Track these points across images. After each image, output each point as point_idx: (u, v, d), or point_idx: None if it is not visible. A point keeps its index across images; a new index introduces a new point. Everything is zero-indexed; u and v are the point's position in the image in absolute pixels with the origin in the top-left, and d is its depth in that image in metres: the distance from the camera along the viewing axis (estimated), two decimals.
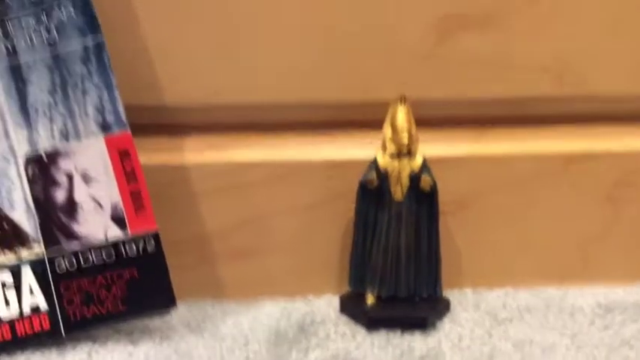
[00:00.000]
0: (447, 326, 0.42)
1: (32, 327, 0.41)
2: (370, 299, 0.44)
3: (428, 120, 0.44)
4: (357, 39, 0.44)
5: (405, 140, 0.42)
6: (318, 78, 0.45)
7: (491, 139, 0.46)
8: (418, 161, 0.43)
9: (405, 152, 0.43)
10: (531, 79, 0.45)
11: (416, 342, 0.41)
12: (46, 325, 0.41)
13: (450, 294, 0.45)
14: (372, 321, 0.42)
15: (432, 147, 0.44)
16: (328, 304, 0.45)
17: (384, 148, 0.43)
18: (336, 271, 0.46)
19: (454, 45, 0.44)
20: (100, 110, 0.42)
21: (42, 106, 0.42)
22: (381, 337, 0.42)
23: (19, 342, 0.40)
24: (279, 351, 0.40)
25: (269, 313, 0.44)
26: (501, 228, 0.46)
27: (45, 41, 0.41)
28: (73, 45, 0.41)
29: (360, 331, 0.42)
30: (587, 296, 0.45)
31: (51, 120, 0.42)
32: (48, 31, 0.41)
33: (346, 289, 0.45)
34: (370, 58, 0.45)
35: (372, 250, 0.44)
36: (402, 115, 0.42)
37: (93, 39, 0.41)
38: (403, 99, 0.43)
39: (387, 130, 0.43)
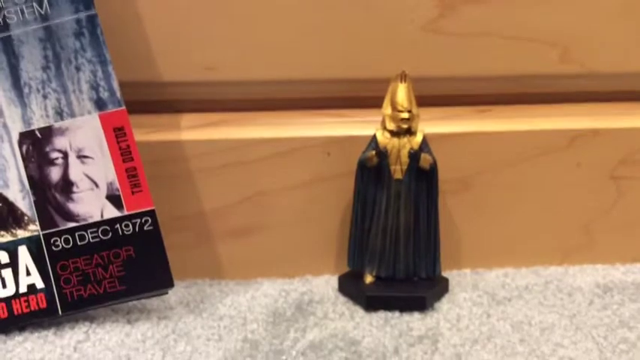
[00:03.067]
0: (445, 306, 0.42)
1: (29, 306, 0.40)
2: (369, 279, 0.43)
3: (429, 97, 0.44)
4: (357, 13, 0.43)
5: (405, 117, 0.42)
6: (317, 54, 0.44)
7: (493, 116, 0.46)
8: (418, 139, 0.42)
9: (404, 130, 0.42)
10: (537, 54, 0.44)
11: (414, 322, 0.41)
12: (43, 304, 0.41)
13: (449, 274, 0.45)
14: (370, 301, 0.42)
15: (433, 124, 0.44)
16: (326, 284, 0.45)
17: (383, 125, 0.43)
18: (335, 251, 0.46)
19: (457, 19, 0.43)
20: (95, 86, 0.41)
21: (35, 83, 0.41)
22: (379, 317, 0.41)
23: (16, 321, 0.40)
24: (277, 330, 0.40)
25: (267, 293, 0.44)
26: (502, 207, 0.46)
27: (36, 13, 0.40)
28: (66, 18, 0.40)
29: (359, 311, 0.42)
30: (586, 276, 0.45)
31: (44, 97, 0.41)
32: (40, 3, 0.40)
33: (345, 268, 0.45)
34: (370, 33, 0.44)
35: (370, 229, 0.43)
36: (402, 93, 0.42)
37: (86, 12, 0.40)
38: (404, 76, 0.42)
39: (387, 107, 0.42)
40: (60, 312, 0.40)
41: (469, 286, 0.44)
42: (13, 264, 0.41)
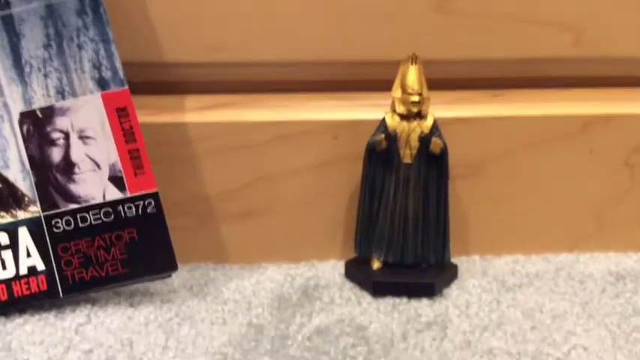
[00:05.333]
0: (454, 293, 0.42)
1: (29, 288, 0.40)
2: (376, 265, 0.43)
3: (440, 80, 0.43)
4: None
5: (416, 101, 0.41)
6: (326, 35, 0.43)
7: (506, 100, 0.45)
8: (428, 123, 0.42)
9: (415, 113, 0.41)
10: (550, 38, 0.43)
11: (422, 308, 0.40)
12: (44, 287, 0.40)
13: (458, 260, 0.44)
14: (377, 287, 0.41)
15: (444, 108, 0.43)
16: (333, 269, 0.44)
17: (393, 108, 0.42)
18: (342, 236, 0.45)
19: (469, 0, 0.42)
20: (97, 65, 0.41)
21: (36, 62, 0.41)
22: (387, 302, 0.41)
23: (16, 303, 0.40)
24: (282, 315, 0.40)
25: (272, 278, 0.43)
26: (513, 193, 0.45)
27: None
28: None
29: (366, 297, 0.41)
30: (598, 263, 0.44)
31: (46, 76, 0.41)
32: None
33: (351, 254, 0.44)
34: (381, 14, 0.43)
35: (378, 214, 0.42)
36: (412, 75, 0.41)
37: None
38: (414, 58, 0.41)
39: (397, 90, 0.41)
40: (61, 294, 0.40)
41: (478, 272, 0.43)
42: (14, 245, 0.40)
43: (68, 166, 0.40)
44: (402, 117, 0.42)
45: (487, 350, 0.37)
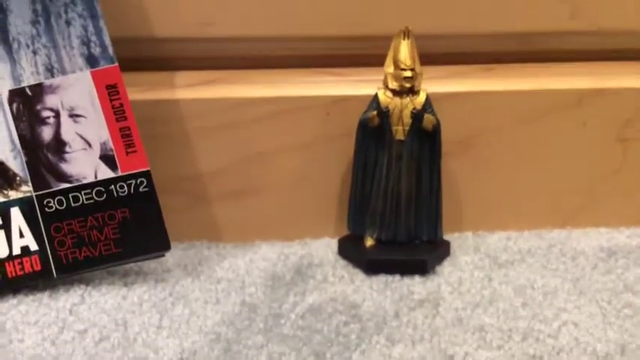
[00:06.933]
0: (446, 270, 0.42)
1: (23, 268, 0.40)
2: (369, 242, 0.43)
3: (432, 55, 0.42)
4: None
5: (408, 76, 0.40)
6: (318, 10, 0.42)
7: (498, 75, 0.44)
8: (421, 99, 0.41)
9: (407, 89, 0.41)
10: (546, 10, 0.42)
11: (415, 286, 0.40)
12: (37, 267, 0.40)
13: (451, 237, 0.44)
14: (370, 264, 0.41)
15: (436, 84, 0.42)
16: (326, 247, 0.44)
17: (385, 84, 0.41)
18: (335, 214, 0.45)
19: None
20: (86, 42, 0.40)
21: (24, 38, 0.40)
22: (379, 280, 0.41)
23: (10, 283, 0.40)
24: (276, 294, 0.40)
25: (266, 256, 0.43)
26: (506, 168, 0.45)
27: None
28: None
29: (359, 275, 0.41)
30: (590, 239, 0.44)
31: (34, 53, 0.40)
32: None
33: (345, 231, 0.44)
34: None
35: (371, 191, 0.42)
36: (405, 50, 0.40)
37: None
38: (407, 32, 0.40)
39: (389, 65, 0.41)
40: (55, 274, 0.40)
41: (471, 249, 0.44)
42: (6, 225, 0.40)
43: (59, 145, 0.40)
44: (395, 93, 0.41)
45: (478, 327, 0.37)
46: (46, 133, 0.40)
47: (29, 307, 0.39)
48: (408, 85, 0.41)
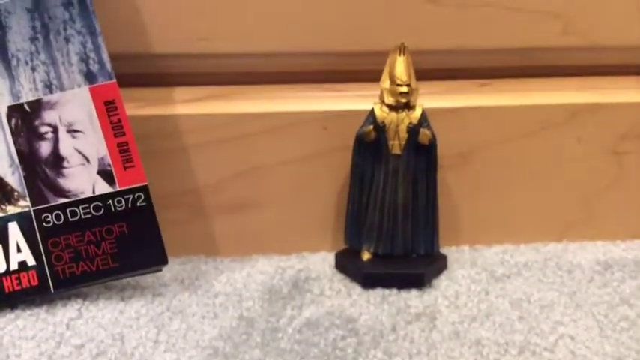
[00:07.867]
0: (443, 283, 0.42)
1: (20, 283, 0.40)
2: (366, 256, 0.43)
3: (428, 70, 0.43)
4: None
5: (404, 91, 0.41)
6: (314, 26, 0.43)
7: (494, 90, 0.45)
8: (417, 113, 0.42)
9: (403, 104, 0.41)
10: (539, 26, 0.43)
11: (412, 299, 0.40)
12: (35, 282, 0.40)
13: (448, 251, 0.45)
14: (367, 278, 0.42)
15: (432, 99, 0.43)
16: (323, 261, 0.44)
17: (382, 99, 0.42)
18: (332, 227, 0.45)
19: None
20: (84, 58, 0.40)
21: (23, 55, 0.40)
22: (376, 294, 0.41)
23: (7, 298, 0.40)
24: (273, 308, 0.40)
25: (263, 270, 0.43)
26: (502, 182, 0.45)
27: None
28: None
29: (356, 288, 0.42)
30: (586, 253, 0.45)
31: (33, 69, 0.40)
32: None
33: (342, 245, 0.44)
34: (368, 5, 0.43)
35: (368, 205, 0.43)
36: (401, 66, 0.41)
37: None
38: (403, 48, 0.41)
39: (386, 81, 0.41)
40: (52, 289, 0.40)
41: (467, 262, 0.44)
42: (4, 241, 0.40)
43: (57, 161, 0.40)
44: (391, 108, 0.41)
45: (475, 341, 0.37)
46: (45, 148, 0.40)
47: (26, 321, 0.39)
48: (403, 100, 0.41)
